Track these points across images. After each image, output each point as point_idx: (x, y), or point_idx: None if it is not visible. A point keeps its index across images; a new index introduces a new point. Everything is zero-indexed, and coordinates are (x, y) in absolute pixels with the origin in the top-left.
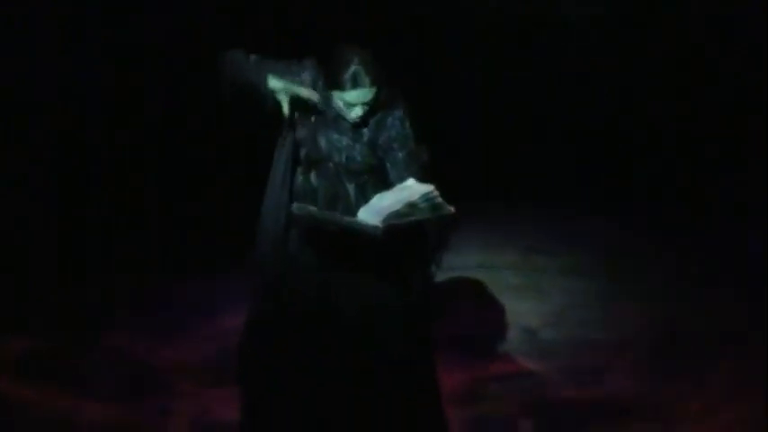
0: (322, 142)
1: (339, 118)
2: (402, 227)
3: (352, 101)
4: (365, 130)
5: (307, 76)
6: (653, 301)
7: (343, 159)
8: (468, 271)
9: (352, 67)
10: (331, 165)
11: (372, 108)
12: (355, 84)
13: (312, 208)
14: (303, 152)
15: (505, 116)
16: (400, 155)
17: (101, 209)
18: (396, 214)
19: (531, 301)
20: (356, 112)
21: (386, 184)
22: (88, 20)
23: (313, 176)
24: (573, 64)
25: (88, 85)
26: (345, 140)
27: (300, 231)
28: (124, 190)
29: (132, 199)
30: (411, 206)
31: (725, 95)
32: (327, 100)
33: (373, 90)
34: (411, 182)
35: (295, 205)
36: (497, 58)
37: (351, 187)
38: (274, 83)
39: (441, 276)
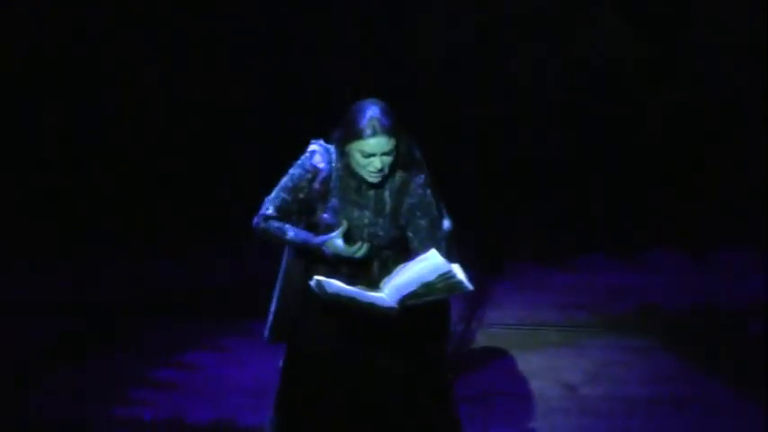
0: (343, 222)
1: (361, 188)
2: (418, 305)
3: (371, 149)
4: (387, 199)
5: (321, 173)
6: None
7: (366, 236)
8: (509, 327)
9: (369, 113)
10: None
11: (392, 165)
12: (374, 131)
13: (333, 284)
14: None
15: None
16: (422, 223)
17: None
18: (412, 295)
19: (571, 357)
20: (374, 165)
21: (408, 254)
22: None
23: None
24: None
25: None
26: (367, 216)
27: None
28: None
29: None
30: (427, 286)
31: None
32: (347, 168)
33: (392, 141)
34: (432, 253)
35: (314, 280)
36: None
37: (375, 265)
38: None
39: (481, 333)
